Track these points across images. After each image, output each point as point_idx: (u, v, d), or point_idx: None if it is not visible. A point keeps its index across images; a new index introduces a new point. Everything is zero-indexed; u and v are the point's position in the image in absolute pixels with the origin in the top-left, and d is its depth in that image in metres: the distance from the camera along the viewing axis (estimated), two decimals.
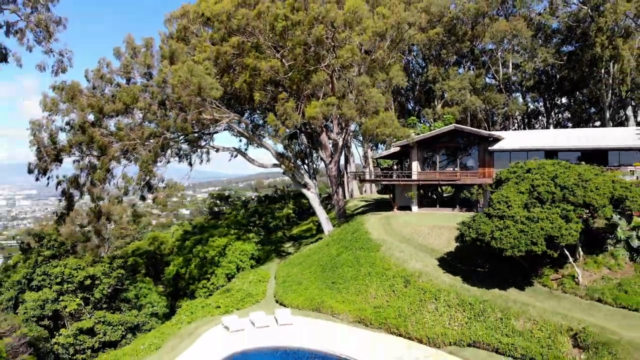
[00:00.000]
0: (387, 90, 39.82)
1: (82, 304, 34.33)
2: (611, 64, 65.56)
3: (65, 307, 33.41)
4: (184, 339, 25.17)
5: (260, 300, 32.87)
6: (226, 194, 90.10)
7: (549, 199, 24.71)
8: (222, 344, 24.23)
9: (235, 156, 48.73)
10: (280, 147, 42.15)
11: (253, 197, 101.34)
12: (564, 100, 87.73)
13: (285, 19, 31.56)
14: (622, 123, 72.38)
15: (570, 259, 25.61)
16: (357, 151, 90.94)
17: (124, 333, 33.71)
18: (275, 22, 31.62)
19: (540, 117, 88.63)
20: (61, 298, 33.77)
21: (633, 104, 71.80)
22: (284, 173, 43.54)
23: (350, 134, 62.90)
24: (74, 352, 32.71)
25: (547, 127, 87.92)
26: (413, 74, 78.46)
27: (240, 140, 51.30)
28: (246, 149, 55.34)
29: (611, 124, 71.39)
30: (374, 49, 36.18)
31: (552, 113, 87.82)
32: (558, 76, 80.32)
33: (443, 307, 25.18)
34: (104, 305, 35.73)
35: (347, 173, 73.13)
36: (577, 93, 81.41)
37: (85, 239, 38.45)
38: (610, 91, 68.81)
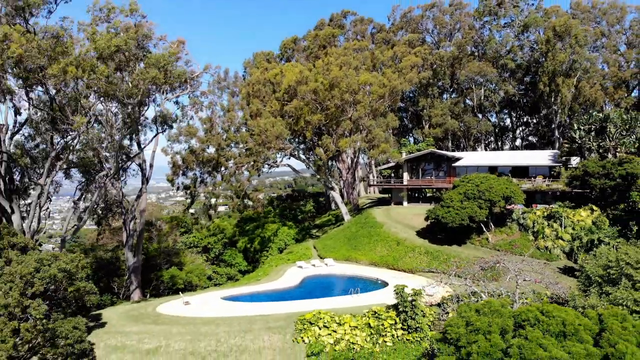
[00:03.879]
0: (386, 128, 61.58)
1: (205, 260, 56.06)
2: (554, 96, 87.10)
3: (194, 261, 55.13)
4: (279, 271, 46.98)
5: (310, 258, 54.56)
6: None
7: (472, 197, 46.58)
8: (300, 273, 45.93)
9: (275, 165, 70.70)
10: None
11: (275, 195, 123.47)
12: (527, 119, 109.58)
13: (325, 90, 53.37)
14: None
15: (485, 230, 47.55)
16: (362, 160, 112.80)
17: (226, 280, 55.28)
18: (319, 92, 53.39)
19: (508, 133, 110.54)
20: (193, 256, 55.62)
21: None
22: (318, 180, 65.27)
23: (360, 151, 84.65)
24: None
25: (515, 141, 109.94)
26: (407, 101, 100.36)
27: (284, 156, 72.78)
28: (281, 160, 77.41)
29: (561, 139, 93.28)
30: (378, 104, 58.01)
31: (519, 130, 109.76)
32: (522, 100, 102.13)
33: (417, 255, 46.97)
34: (215, 262, 57.50)
35: (356, 178, 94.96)
36: (536, 114, 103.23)
37: (196, 222, 60.22)
38: (558, 115, 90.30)
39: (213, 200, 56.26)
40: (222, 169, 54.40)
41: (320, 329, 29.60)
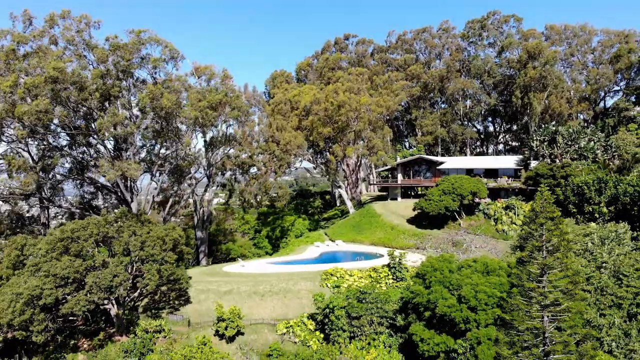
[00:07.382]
0: (383, 137, 76.66)
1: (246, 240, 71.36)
2: (529, 107, 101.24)
3: (240, 239, 70.19)
4: (301, 249, 61.96)
5: (324, 241, 69.54)
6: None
7: (448, 192, 61.57)
8: (318, 250, 60.89)
9: (294, 168, 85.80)
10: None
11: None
12: (509, 126, 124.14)
13: (334, 109, 68.38)
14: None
15: (458, 218, 62.58)
16: (364, 162, 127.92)
17: (257, 257, 70.27)
18: (329, 111, 68.38)
19: (492, 138, 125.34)
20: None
21: None
22: (327, 179, 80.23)
23: (362, 157, 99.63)
24: None
25: (498, 146, 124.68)
26: (403, 111, 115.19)
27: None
28: (300, 163, 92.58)
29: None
30: (376, 119, 73.00)
31: (500, 136, 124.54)
32: (504, 110, 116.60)
33: (406, 236, 61.93)
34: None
35: (358, 178, 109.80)
36: (515, 122, 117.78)
37: (233, 212, 75.40)
38: (533, 123, 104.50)
39: (252, 197, 71.22)
40: (253, 170, 69.37)
41: (337, 278, 44.60)
